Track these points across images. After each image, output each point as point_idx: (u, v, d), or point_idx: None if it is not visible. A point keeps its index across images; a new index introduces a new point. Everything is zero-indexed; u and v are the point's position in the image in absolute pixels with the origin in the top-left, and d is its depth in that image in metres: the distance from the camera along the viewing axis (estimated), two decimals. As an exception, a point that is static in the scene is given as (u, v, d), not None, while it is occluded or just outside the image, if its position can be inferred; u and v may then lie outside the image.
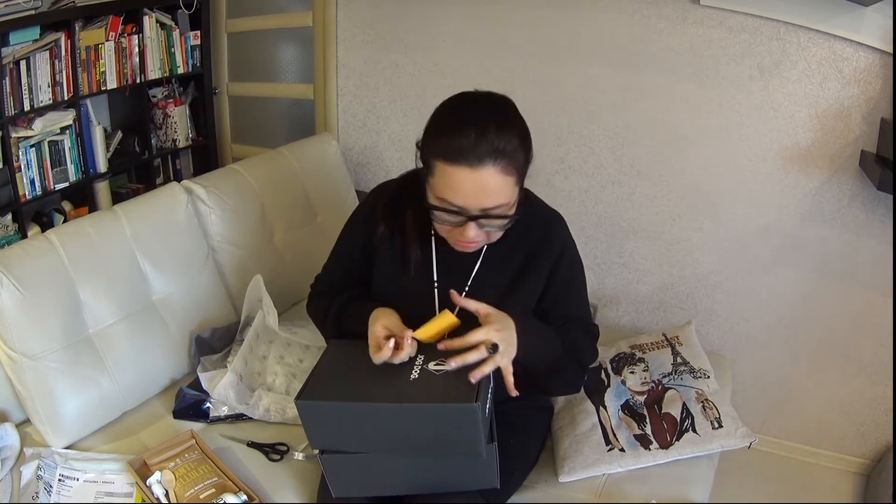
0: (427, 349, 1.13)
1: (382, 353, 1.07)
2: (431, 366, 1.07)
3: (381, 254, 1.28)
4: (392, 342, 1.09)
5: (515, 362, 1.10)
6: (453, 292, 1.11)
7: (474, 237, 1.10)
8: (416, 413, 1.03)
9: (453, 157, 1.03)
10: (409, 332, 1.10)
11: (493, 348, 1.06)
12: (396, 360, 1.08)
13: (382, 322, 1.14)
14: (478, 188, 1.04)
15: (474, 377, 1.03)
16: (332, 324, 1.31)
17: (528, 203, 1.26)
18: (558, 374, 1.26)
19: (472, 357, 1.04)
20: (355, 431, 1.07)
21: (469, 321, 1.12)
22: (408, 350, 1.09)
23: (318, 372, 1.11)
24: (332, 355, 1.16)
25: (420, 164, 1.14)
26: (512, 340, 1.10)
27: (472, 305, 1.11)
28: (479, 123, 1.04)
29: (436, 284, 1.24)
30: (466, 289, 1.23)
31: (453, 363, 1.04)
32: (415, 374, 1.06)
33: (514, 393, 1.09)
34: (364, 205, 1.35)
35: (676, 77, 1.95)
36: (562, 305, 1.28)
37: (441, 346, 1.07)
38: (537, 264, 1.24)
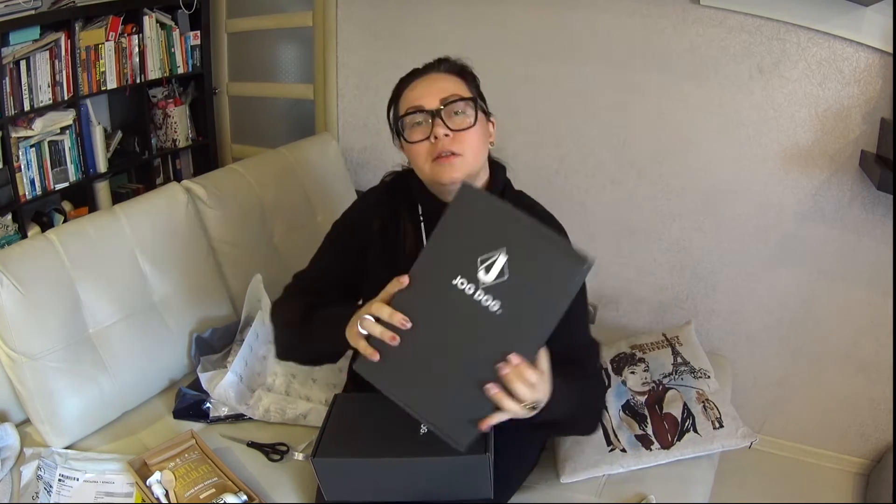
0: None
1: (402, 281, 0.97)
2: None
3: (373, 250, 1.28)
4: (405, 278, 0.98)
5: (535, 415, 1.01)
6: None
7: (443, 134, 1.16)
8: (431, 466, 1.08)
9: (409, 78, 1.25)
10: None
11: (532, 408, 0.96)
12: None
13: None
14: (430, 85, 1.21)
15: (485, 426, 0.92)
16: (301, 320, 1.23)
17: (521, 200, 1.30)
18: (573, 424, 1.23)
19: (511, 408, 0.91)
20: (370, 484, 1.14)
21: None
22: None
23: (329, 428, 1.15)
24: (340, 411, 1.20)
25: (396, 144, 1.27)
26: (543, 400, 0.99)
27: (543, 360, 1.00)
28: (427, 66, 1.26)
29: None
30: None
31: (484, 426, 0.92)
32: (424, 429, 1.10)
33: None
34: (353, 207, 1.37)
35: (676, 77, 1.94)
36: (563, 328, 1.12)
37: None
38: None
